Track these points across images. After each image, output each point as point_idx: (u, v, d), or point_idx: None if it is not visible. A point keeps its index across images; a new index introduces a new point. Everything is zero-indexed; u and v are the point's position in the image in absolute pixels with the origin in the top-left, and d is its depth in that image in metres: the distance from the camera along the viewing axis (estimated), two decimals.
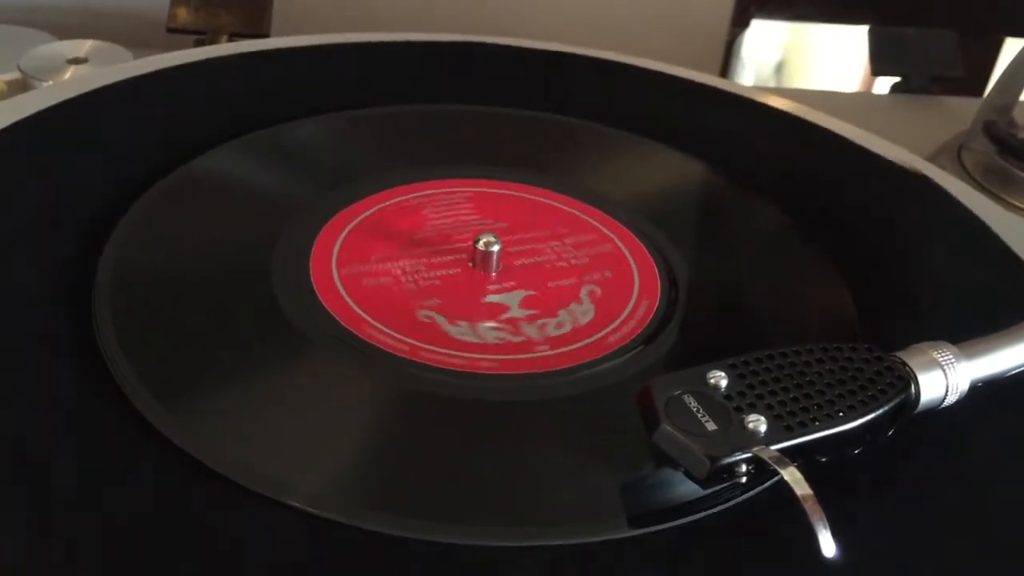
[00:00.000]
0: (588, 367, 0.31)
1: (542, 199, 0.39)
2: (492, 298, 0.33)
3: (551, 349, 0.31)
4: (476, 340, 0.31)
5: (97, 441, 0.26)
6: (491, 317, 0.32)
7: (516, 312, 0.33)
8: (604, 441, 0.28)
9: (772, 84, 0.93)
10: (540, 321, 0.32)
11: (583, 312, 0.33)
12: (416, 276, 0.34)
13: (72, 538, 0.23)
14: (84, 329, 0.29)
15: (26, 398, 0.27)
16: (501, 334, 0.32)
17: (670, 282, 0.35)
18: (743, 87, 0.51)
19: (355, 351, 0.30)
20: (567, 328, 0.32)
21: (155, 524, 0.24)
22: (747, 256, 0.38)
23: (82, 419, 0.26)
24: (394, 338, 0.31)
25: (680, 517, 0.25)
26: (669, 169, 0.43)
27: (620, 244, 0.37)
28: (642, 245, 0.37)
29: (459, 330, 0.31)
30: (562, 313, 0.33)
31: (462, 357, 0.30)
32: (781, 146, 0.45)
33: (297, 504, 0.24)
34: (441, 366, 0.30)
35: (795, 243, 0.38)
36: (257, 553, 0.23)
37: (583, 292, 0.34)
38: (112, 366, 0.28)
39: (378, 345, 0.30)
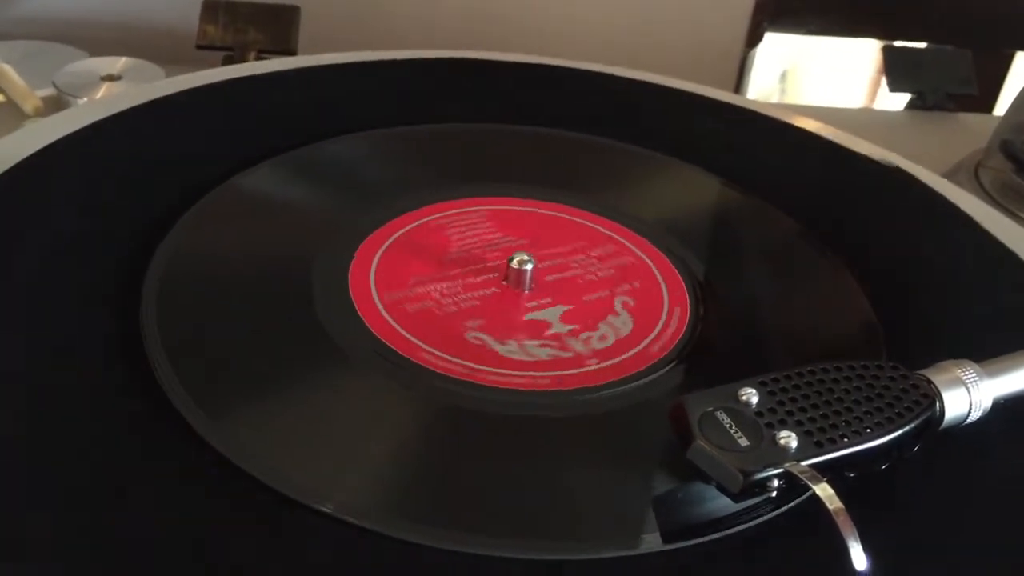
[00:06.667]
0: (640, 377, 0.31)
1: (561, 215, 0.40)
2: (532, 315, 0.33)
3: (600, 362, 0.32)
4: (527, 358, 0.31)
5: (140, 445, 0.27)
6: (536, 334, 0.33)
7: (559, 327, 0.33)
8: (661, 453, 0.28)
9: (785, 99, 0.94)
10: (584, 335, 0.33)
11: (622, 323, 0.33)
12: (454, 297, 0.34)
13: (110, 542, 0.24)
14: (132, 339, 0.30)
15: (73, 403, 0.28)
16: (550, 350, 0.32)
17: (697, 290, 0.35)
18: (761, 104, 0.52)
19: (411, 375, 0.30)
20: (611, 340, 0.32)
21: (194, 528, 0.24)
22: (775, 273, 0.38)
23: (126, 424, 0.27)
24: (447, 360, 0.31)
25: (714, 531, 0.26)
26: (689, 184, 0.43)
27: (642, 255, 0.37)
28: (663, 255, 0.37)
29: (508, 349, 0.32)
30: (602, 326, 0.33)
31: (519, 376, 0.30)
32: (801, 163, 0.46)
33: (354, 520, 0.25)
34: (499, 386, 0.30)
35: (821, 262, 0.38)
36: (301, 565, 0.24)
37: (617, 303, 0.34)
38: (158, 375, 0.29)
39: (432, 368, 0.30)
